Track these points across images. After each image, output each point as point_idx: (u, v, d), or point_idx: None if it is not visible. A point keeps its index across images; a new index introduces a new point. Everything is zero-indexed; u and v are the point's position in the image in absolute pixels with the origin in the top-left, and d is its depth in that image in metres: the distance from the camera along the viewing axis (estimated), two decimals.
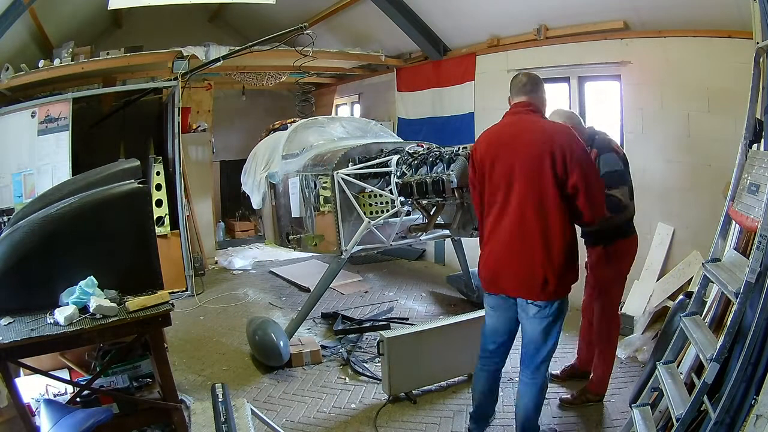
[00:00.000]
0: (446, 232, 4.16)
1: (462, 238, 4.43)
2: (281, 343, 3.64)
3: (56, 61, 5.17)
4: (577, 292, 2.80)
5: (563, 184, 2.26)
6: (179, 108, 5.34)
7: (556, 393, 3.19)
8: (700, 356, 2.04)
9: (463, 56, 5.74)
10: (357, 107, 8.16)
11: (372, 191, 3.92)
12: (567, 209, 2.30)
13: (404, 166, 3.56)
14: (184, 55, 5.36)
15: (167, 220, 5.37)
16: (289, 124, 5.77)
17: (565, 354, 3.62)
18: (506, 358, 2.65)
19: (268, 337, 3.70)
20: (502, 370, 2.66)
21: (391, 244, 4.07)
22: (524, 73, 2.56)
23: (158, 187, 5.35)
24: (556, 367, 3.37)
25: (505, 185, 2.34)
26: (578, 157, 2.27)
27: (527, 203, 2.29)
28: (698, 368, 2.31)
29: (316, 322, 4.60)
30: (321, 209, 4.18)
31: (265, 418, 2.65)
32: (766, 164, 2.02)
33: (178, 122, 5.36)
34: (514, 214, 2.33)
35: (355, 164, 3.94)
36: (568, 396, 3.13)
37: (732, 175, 2.31)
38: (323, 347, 4.03)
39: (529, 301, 2.37)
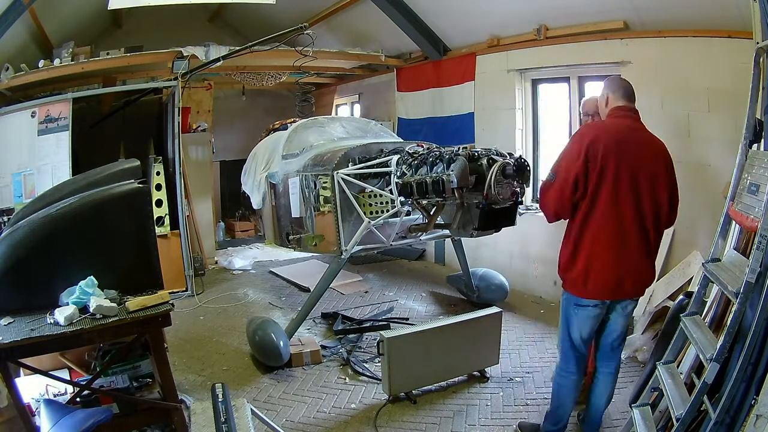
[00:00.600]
0: (446, 232, 4.16)
1: (462, 238, 4.42)
2: (281, 343, 3.64)
3: (56, 61, 5.17)
4: None
5: (673, 192, 2.47)
6: (179, 108, 5.34)
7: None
8: (700, 356, 2.04)
9: (463, 56, 5.75)
10: (357, 107, 8.16)
11: (372, 191, 3.92)
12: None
13: (404, 166, 3.56)
14: (184, 55, 5.36)
15: (167, 220, 5.37)
16: (289, 124, 5.77)
17: None
18: None
19: (268, 337, 3.70)
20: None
21: (391, 244, 4.07)
22: (628, 81, 2.61)
23: (158, 187, 5.35)
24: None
25: (631, 190, 2.35)
26: (673, 170, 2.50)
27: (649, 211, 2.39)
28: (698, 368, 2.31)
29: (316, 322, 4.60)
30: (321, 209, 4.18)
31: (265, 418, 2.65)
32: (766, 164, 2.02)
33: (178, 122, 5.35)
34: (637, 224, 2.38)
35: (355, 164, 3.94)
36: None
37: (732, 175, 2.31)
38: (323, 347, 4.03)
39: (633, 298, 2.54)
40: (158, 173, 5.40)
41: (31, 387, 2.58)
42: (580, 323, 2.54)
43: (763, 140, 2.24)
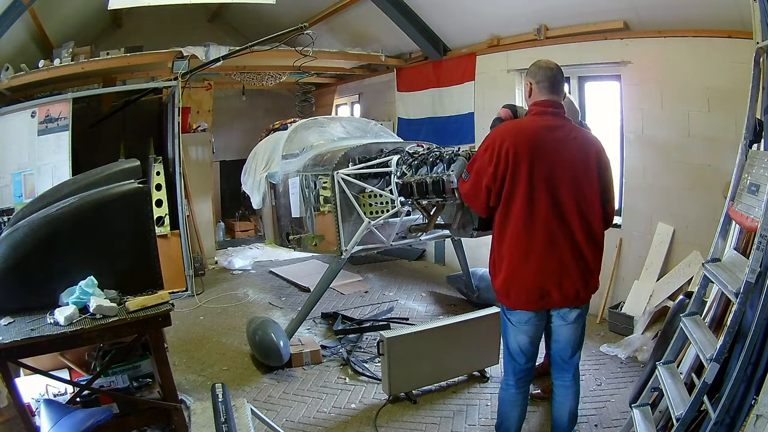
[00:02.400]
0: (446, 232, 4.16)
1: (462, 238, 4.43)
2: (281, 343, 3.64)
3: (56, 61, 5.17)
4: None
5: (604, 191, 2.29)
6: (179, 108, 5.34)
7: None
8: (700, 356, 2.04)
9: (463, 56, 5.74)
10: (357, 107, 8.16)
11: (372, 191, 3.92)
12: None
13: (404, 166, 3.56)
14: (184, 55, 5.36)
15: (167, 220, 5.37)
16: (289, 124, 5.76)
17: None
18: None
19: (268, 337, 3.70)
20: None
21: (391, 244, 4.07)
22: (557, 67, 2.34)
23: (158, 187, 5.35)
24: None
25: (549, 194, 2.19)
26: (609, 165, 2.34)
27: (574, 213, 2.21)
28: (698, 368, 2.31)
29: (316, 322, 4.60)
30: (321, 209, 4.18)
31: (265, 418, 2.65)
32: (766, 164, 2.02)
33: (178, 122, 5.35)
34: (563, 229, 2.21)
35: (355, 164, 3.94)
36: (538, 391, 3.16)
37: (732, 175, 2.31)
38: (323, 347, 4.03)
39: (574, 306, 2.33)
40: (158, 173, 5.40)
41: (31, 387, 2.58)
42: (514, 333, 2.38)
43: (763, 140, 2.25)
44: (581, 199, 2.22)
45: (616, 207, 4.34)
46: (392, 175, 3.64)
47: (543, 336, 2.47)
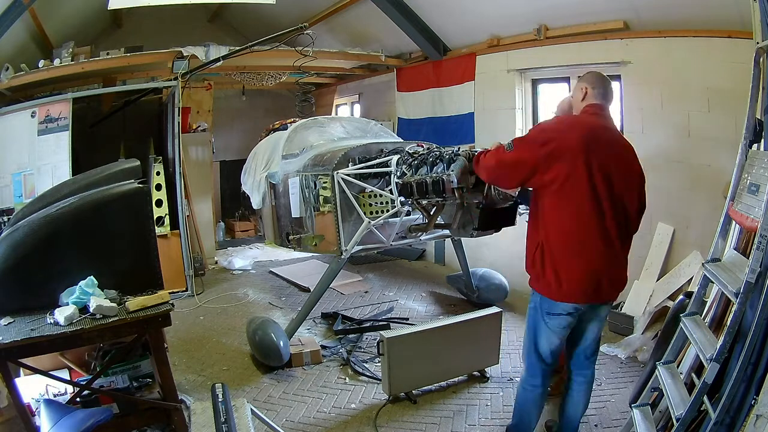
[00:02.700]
0: (446, 232, 4.15)
1: (462, 238, 4.43)
2: (281, 343, 3.64)
3: (56, 61, 5.17)
4: None
5: (642, 196, 2.40)
6: (179, 108, 5.34)
7: None
8: (700, 356, 2.04)
9: (463, 56, 5.74)
10: (357, 107, 8.16)
11: (372, 191, 3.92)
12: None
13: (404, 166, 3.56)
14: (184, 55, 5.36)
15: (167, 220, 5.37)
16: (289, 124, 5.76)
17: None
18: None
19: (268, 337, 3.70)
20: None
21: (391, 244, 4.07)
22: (609, 79, 2.45)
23: (158, 187, 5.35)
24: None
25: (606, 189, 2.22)
26: (644, 179, 2.43)
27: (622, 213, 2.29)
28: (698, 368, 2.31)
29: (316, 322, 4.60)
30: (321, 209, 4.18)
31: (265, 418, 2.65)
32: (766, 164, 2.02)
33: (178, 122, 5.35)
34: (614, 218, 2.26)
35: (355, 164, 3.94)
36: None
37: (732, 175, 2.32)
38: (323, 347, 4.03)
39: (607, 302, 2.43)
40: (158, 173, 5.40)
41: (31, 387, 2.58)
42: (549, 335, 2.38)
43: (763, 140, 2.25)
44: (627, 199, 2.30)
45: None
46: (392, 175, 3.64)
47: None
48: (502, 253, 5.38)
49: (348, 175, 3.85)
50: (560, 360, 3.26)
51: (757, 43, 2.29)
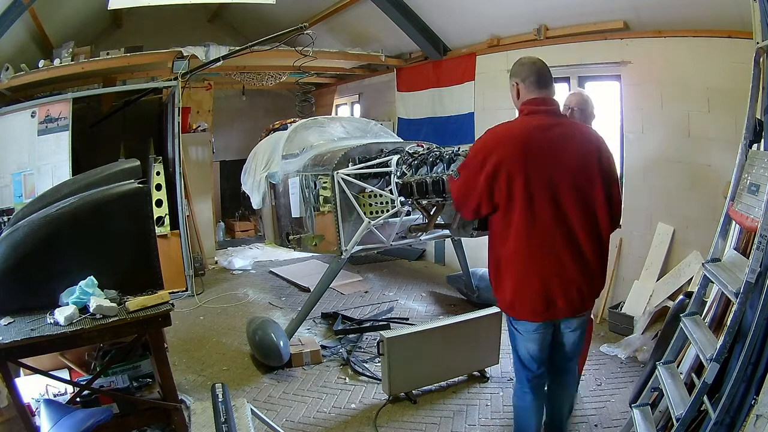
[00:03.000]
0: (446, 232, 4.16)
1: (462, 238, 4.42)
2: (281, 343, 3.64)
3: (56, 61, 5.17)
4: None
5: (609, 190, 2.17)
6: (179, 108, 5.34)
7: None
8: (700, 356, 2.04)
9: (463, 56, 5.74)
10: (357, 107, 8.16)
11: (372, 191, 3.92)
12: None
13: (404, 166, 3.56)
14: (184, 55, 5.35)
15: (167, 220, 5.37)
16: (289, 124, 5.76)
17: None
18: None
19: (268, 337, 3.70)
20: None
21: (391, 244, 4.07)
22: (541, 61, 2.25)
23: (158, 187, 5.35)
24: None
25: (549, 198, 2.07)
26: (612, 161, 2.22)
27: (578, 218, 2.10)
28: (698, 368, 2.31)
29: (316, 322, 4.60)
30: (321, 209, 4.18)
31: (265, 418, 2.65)
32: (766, 164, 2.02)
33: (178, 122, 5.35)
34: (567, 236, 2.10)
35: (355, 164, 3.94)
36: None
37: (732, 175, 2.31)
38: (323, 347, 4.03)
39: (576, 315, 2.26)
40: (158, 173, 5.40)
41: (31, 387, 2.58)
42: (524, 341, 2.31)
43: (763, 140, 2.24)
44: (585, 202, 2.11)
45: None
46: (392, 175, 3.64)
47: None
48: None
49: (348, 175, 3.85)
50: None
51: (757, 43, 2.29)
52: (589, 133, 2.26)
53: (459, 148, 3.38)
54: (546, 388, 2.48)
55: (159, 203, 5.32)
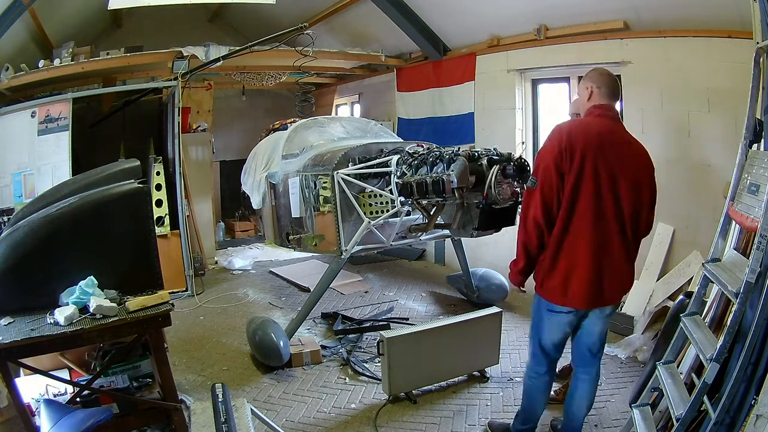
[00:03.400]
0: (446, 232, 4.16)
1: (462, 238, 4.42)
2: (281, 343, 3.64)
3: (56, 61, 5.17)
4: None
5: (652, 198, 2.35)
6: (179, 108, 5.34)
7: None
8: (700, 356, 2.04)
9: (463, 56, 5.74)
10: (357, 107, 8.16)
11: (372, 191, 3.92)
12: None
13: (404, 166, 3.56)
14: (184, 55, 5.36)
15: (167, 220, 5.37)
16: (289, 124, 5.76)
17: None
18: None
19: (268, 337, 3.70)
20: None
21: (391, 244, 4.07)
22: (614, 75, 2.41)
23: (158, 187, 5.35)
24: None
25: (612, 193, 2.22)
26: (654, 176, 2.38)
27: (629, 216, 2.28)
28: (698, 368, 2.31)
29: (316, 322, 4.60)
30: (321, 209, 4.18)
31: (265, 418, 2.65)
32: (766, 164, 2.02)
33: (178, 122, 5.35)
34: (618, 228, 2.26)
35: (355, 164, 3.94)
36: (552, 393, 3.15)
37: (732, 175, 2.31)
38: (323, 347, 4.03)
39: (612, 304, 2.43)
40: (158, 173, 5.40)
41: (31, 387, 2.58)
42: (551, 329, 2.44)
43: (763, 140, 2.24)
44: (635, 202, 2.28)
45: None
46: (392, 175, 3.64)
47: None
48: (502, 253, 5.35)
49: (348, 175, 3.85)
50: (567, 370, 3.29)
51: (757, 43, 2.29)
52: (640, 143, 2.40)
53: (459, 148, 3.38)
54: (573, 385, 2.60)
55: (159, 203, 5.32)
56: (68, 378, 2.67)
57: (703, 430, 1.93)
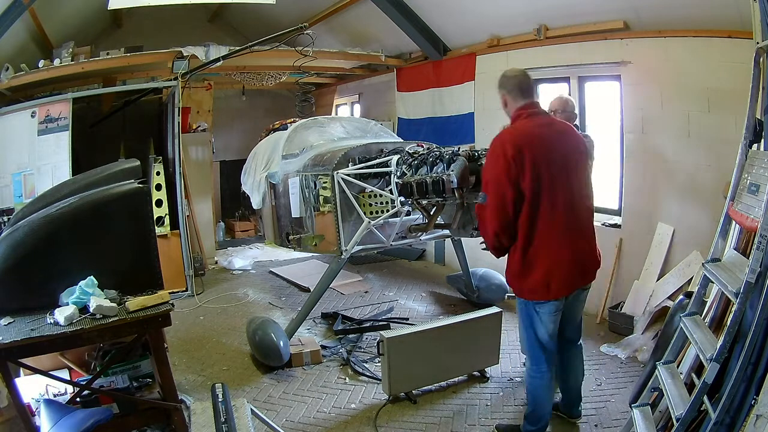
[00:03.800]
0: (446, 232, 4.16)
1: (462, 238, 4.42)
2: (281, 343, 3.64)
3: (56, 61, 5.17)
4: None
5: (590, 178, 2.60)
6: (179, 108, 5.34)
7: None
8: (700, 356, 2.04)
9: (463, 56, 5.74)
10: (357, 107, 8.16)
11: (372, 191, 3.92)
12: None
13: (404, 166, 3.56)
14: (184, 55, 5.36)
15: (167, 220, 5.37)
16: (289, 124, 5.76)
17: None
18: None
19: (268, 337, 3.70)
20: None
21: (391, 244, 4.07)
22: (525, 72, 2.59)
23: (158, 187, 5.35)
24: None
25: (564, 184, 2.39)
26: (583, 148, 2.60)
27: (581, 199, 2.48)
28: (698, 368, 2.31)
29: (316, 322, 4.60)
30: (321, 209, 4.18)
31: (265, 418, 2.65)
32: (766, 164, 2.02)
33: (178, 122, 5.36)
34: (575, 212, 2.45)
35: (355, 164, 3.94)
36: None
37: (732, 175, 2.31)
38: (323, 347, 4.03)
39: (586, 287, 2.64)
40: (158, 173, 5.40)
41: (31, 387, 2.58)
42: (544, 322, 2.53)
43: (763, 140, 2.24)
44: (582, 185, 2.49)
45: (617, 206, 4.43)
46: (392, 175, 3.64)
47: None
48: None
49: (348, 175, 3.86)
50: None
51: (757, 43, 2.29)
52: (564, 124, 2.64)
53: (459, 148, 3.38)
54: (566, 359, 2.77)
55: (159, 203, 5.32)
56: (68, 378, 2.67)
57: (703, 430, 1.93)
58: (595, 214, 2.67)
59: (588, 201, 2.55)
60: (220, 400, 2.34)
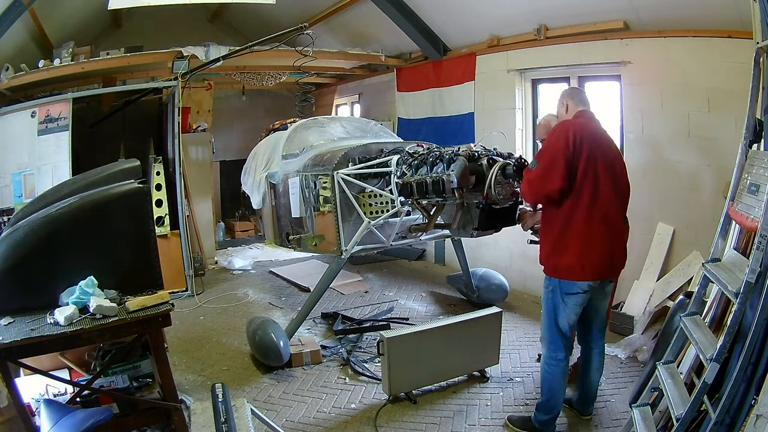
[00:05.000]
0: (446, 232, 4.15)
1: (462, 238, 4.43)
2: (281, 343, 3.64)
3: (56, 61, 5.17)
4: None
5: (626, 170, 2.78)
6: (179, 108, 5.34)
7: None
8: (700, 356, 2.04)
9: (463, 56, 5.74)
10: (357, 107, 8.16)
11: (372, 191, 3.92)
12: None
13: (404, 166, 3.56)
14: (184, 55, 5.36)
15: (167, 220, 5.37)
16: (289, 124, 5.76)
17: None
18: None
19: (268, 337, 3.70)
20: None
21: (391, 244, 4.07)
22: (578, 88, 2.94)
23: (158, 187, 5.35)
24: None
25: (610, 178, 2.59)
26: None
27: (620, 200, 2.68)
28: (698, 368, 2.31)
29: (316, 322, 4.60)
30: (321, 209, 4.18)
31: (265, 418, 2.65)
32: (766, 164, 2.02)
33: (178, 122, 5.36)
34: (614, 210, 2.63)
35: (355, 164, 3.94)
36: None
37: (732, 175, 2.32)
38: (323, 347, 4.03)
39: (612, 279, 2.78)
40: (158, 173, 5.40)
41: (31, 387, 2.58)
42: (568, 311, 2.65)
43: (763, 140, 2.25)
44: (623, 188, 2.70)
45: None
46: (392, 175, 3.64)
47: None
48: (502, 253, 5.38)
49: (348, 175, 3.85)
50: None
51: (757, 43, 2.29)
52: (608, 132, 2.83)
53: (459, 148, 3.38)
54: (588, 358, 2.91)
55: (159, 203, 5.32)
56: (68, 378, 2.67)
57: (703, 430, 1.93)
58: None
59: (625, 203, 2.73)
60: (220, 400, 2.34)
